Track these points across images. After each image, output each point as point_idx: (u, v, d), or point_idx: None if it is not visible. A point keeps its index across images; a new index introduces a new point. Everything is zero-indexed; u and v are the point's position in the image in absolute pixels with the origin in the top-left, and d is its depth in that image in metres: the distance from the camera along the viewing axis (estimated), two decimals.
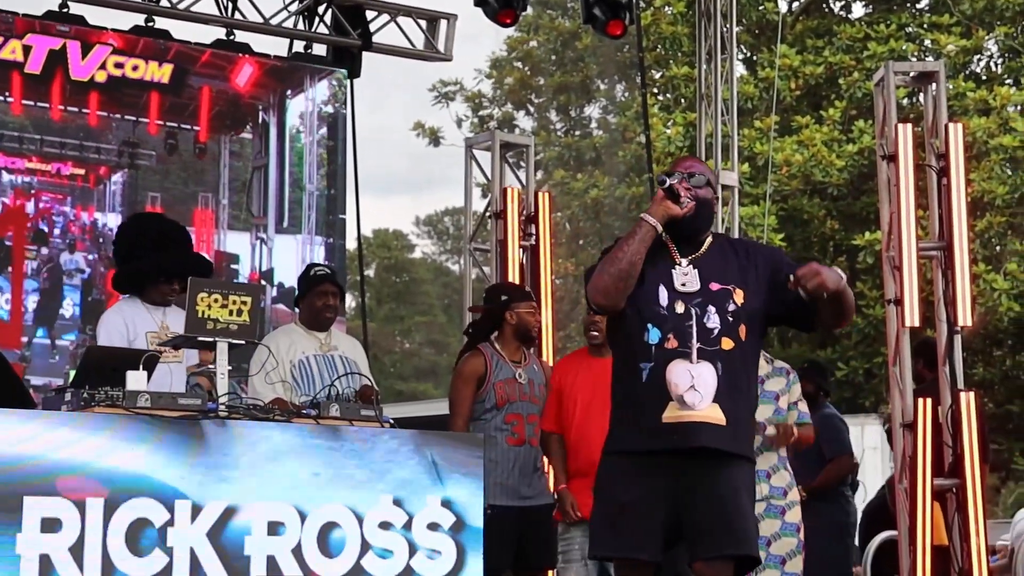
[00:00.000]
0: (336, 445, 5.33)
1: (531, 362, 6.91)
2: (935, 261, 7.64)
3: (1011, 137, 17.14)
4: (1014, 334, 18.22)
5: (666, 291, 4.87)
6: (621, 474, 4.87)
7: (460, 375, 6.80)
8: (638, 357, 4.85)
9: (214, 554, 5.03)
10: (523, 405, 6.71)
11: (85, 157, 9.33)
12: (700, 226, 5.00)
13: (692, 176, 4.96)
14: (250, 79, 10.00)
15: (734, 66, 11.60)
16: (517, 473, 6.67)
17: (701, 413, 4.75)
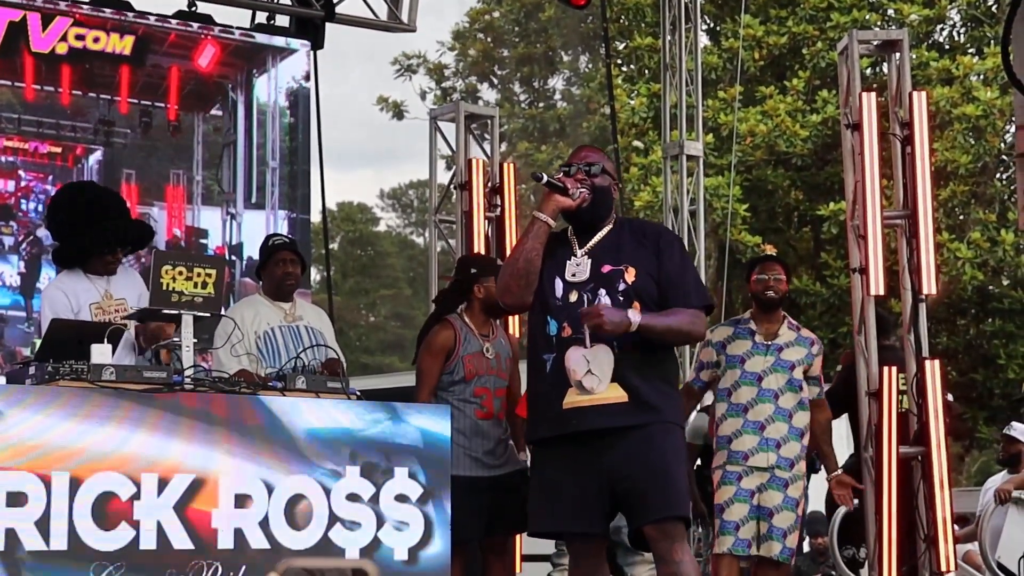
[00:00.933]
0: (303, 417, 5.31)
1: (498, 335, 6.89)
2: (899, 230, 7.66)
3: (974, 106, 17.20)
4: (977, 303, 18.33)
5: (561, 282, 5.10)
6: (544, 459, 5.14)
7: (429, 347, 6.76)
8: (541, 349, 5.09)
9: (181, 527, 5.02)
10: (491, 379, 6.70)
11: (62, 136, 9.33)
12: (599, 214, 5.19)
13: (590, 166, 5.16)
14: (212, 59, 9.94)
15: (698, 36, 11.60)
16: (485, 445, 6.68)
17: (600, 395, 4.95)
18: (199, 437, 5.09)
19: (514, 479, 6.74)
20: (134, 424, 4.98)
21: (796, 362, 6.82)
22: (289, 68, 10.33)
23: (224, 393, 5.22)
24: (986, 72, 17.72)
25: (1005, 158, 18.00)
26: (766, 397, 6.76)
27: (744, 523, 6.70)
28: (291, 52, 10.32)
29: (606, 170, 5.22)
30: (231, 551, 5.09)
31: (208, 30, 9.93)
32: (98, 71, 9.44)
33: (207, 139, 9.96)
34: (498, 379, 6.72)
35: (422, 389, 6.67)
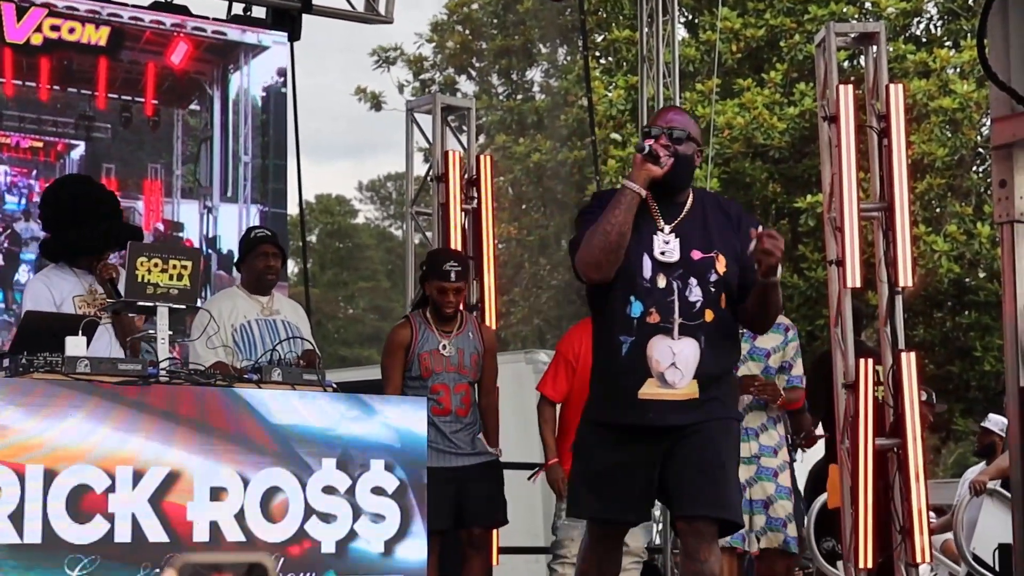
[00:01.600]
0: (278, 409, 5.30)
1: (466, 329, 6.88)
2: (876, 222, 7.67)
3: (951, 99, 17.23)
4: (954, 296, 18.37)
5: (650, 261, 4.81)
6: (599, 441, 4.89)
7: (386, 346, 6.91)
8: (618, 329, 4.81)
9: (156, 520, 5.00)
10: (449, 376, 6.72)
11: (44, 130, 9.31)
12: (680, 184, 4.91)
13: (672, 132, 4.85)
14: (185, 56, 9.92)
15: (675, 29, 11.59)
16: (446, 438, 6.69)
17: (680, 391, 4.77)
18: (174, 430, 5.07)
19: (482, 470, 6.76)
20: (109, 417, 4.96)
21: (771, 349, 6.88)
22: (265, 64, 10.30)
23: (199, 386, 5.21)
24: (963, 65, 17.75)
25: (982, 151, 18.03)
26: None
27: None
28: (263, 49, 10.28)
29: (692, 137, 4.93)
30: (206, 544, 5.07)
31: (181, 27, 9.89)
32: (77, 66, 9.41)
33: (186, 134, 9.95)
34: (458, 375, 6.73)
35: (386, 387, 6.74)
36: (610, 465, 4.84)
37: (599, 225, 4.76)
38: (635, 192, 4.77)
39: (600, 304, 4.90)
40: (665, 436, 4.79)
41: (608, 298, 4.83)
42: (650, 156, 4.79)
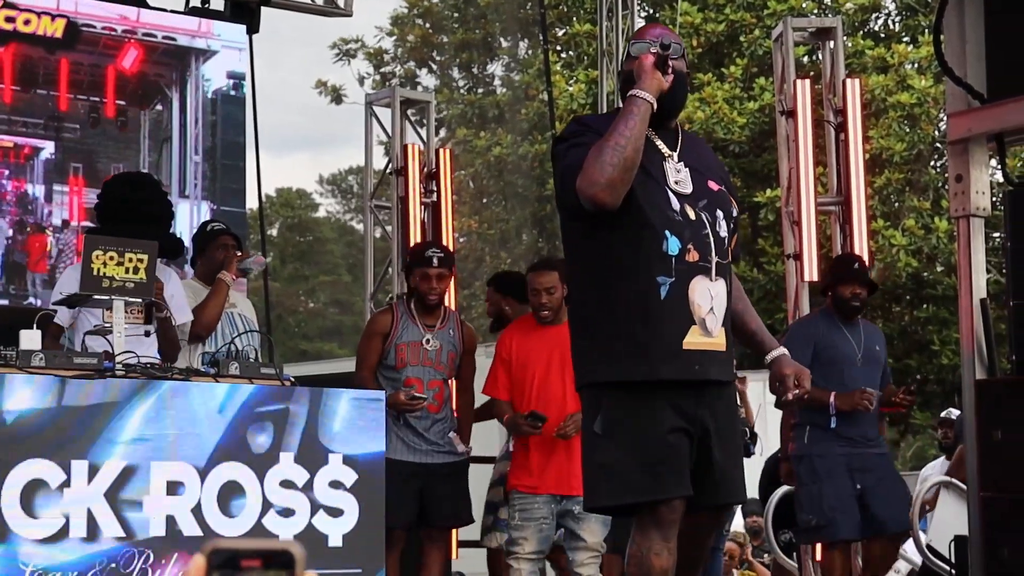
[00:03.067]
0: (236, 403, 5.28)
1: (448, 326, 6.85)
2: (833, 216, 7.71)
3: (908, 94, 17.34)
4: (912, 289, 18.49)
5: (670, 192, 4.18)
6: (639, 408, 4.13)
7: (365, 331, 6.91)
8: (655, 270, 4.09)
9: (112, 515, 4.98)
10: (424, 370, 6.69)
11: (14, 131, 9.28)
12: (678, 105, 4.35)
13: (668, 46, 4.19)
14: (135, 60, 9.89)
15: (635, 23, 11.61)
16: (415, 432, 6.68)
17: (716, 340, 4.18)
18: (130, 424, 5.04)
19: (449, 468, 6.75)
20: (63, 411, 4.93)
21: None
22: (215, 68, 10.27)
23: (155, 379, 5.18)
24: (920, 60, 17.87)
25: (939, 146, 18.15)
26: None
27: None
28: (213, 53, 10.24)
29: (683, 55, 4.34)
30: (163, 538, 5.06)
31: (132, 33, 9.85)
32: (42, 68, 9.39)
33: (151, 135, 9.94)
34: (434, 371, 6.71)
35: (360, 371, 6.74)
36: (658, 434, 4.10)
37: (608, 139, 4.03)
38: (648, 102, 4.10)
39: (614, 242, 4.16)
40: (705, 393, 4.16)
41: (630, 234, 4.13)
42: (662, 63, 4.16)
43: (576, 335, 4.31)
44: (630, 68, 4.24)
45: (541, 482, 6.64)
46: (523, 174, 22.44)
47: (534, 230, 22.92)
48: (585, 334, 4.25)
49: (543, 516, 6.66)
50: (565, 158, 4.17)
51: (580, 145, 4.15)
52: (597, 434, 4.15)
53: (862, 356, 7.12)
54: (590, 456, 4.20)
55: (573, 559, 6.75)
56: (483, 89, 25.18)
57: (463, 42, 24.56)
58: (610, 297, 4.16)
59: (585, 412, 4.28)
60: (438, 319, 6.79)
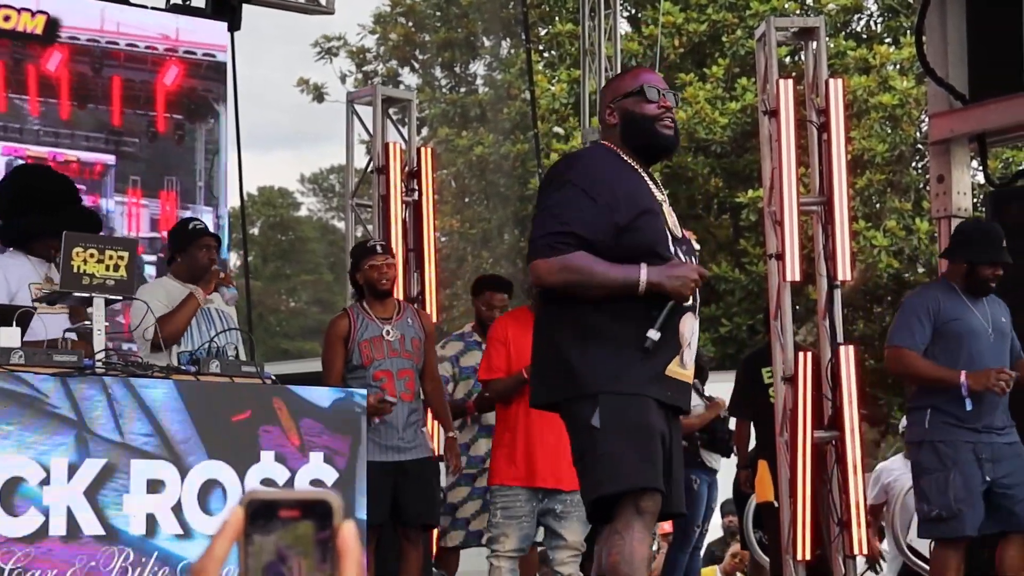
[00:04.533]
0: (216, 401, 5.27)
1: (405, 315, 6.91)
2: (815, 217, 7.71)
3: (890, 95, 17.38)
4: (893, 290, 18.52)
5: (669, 235, 4.43)
6: (634, 405, 4.32)
7: (326, 339, 6.96)
8: (653, 302, 4.31)
9: (92, 512, 4.96)
10: (392, 362, 6.72)
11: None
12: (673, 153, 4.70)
13: (676, 97, 4.61)
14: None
15: (618, 23, 11.61)
16: (389, 428, 6.69)
17: (687, 373, 4.47)
18: (110, 421, 5.03)
19: (420, 467, 6.76)
20: (43, 408, 4.91)
21: None
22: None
23: (136, 377, 5.17)
24: (902, 62, 17.91)
25: (921, 147, 18.19)
26: None
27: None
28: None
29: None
30: (143, 537, 5.04)
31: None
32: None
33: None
34: (401, 360, 6.75)
35: (328, 379, 6.75)
36: (651, 431, 4.33)
37: (592, 275, 4.27)
38: (641, 286, 4.30)
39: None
40: (672, 418, 4.44)
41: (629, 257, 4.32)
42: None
43: (564, 347, 4.36)
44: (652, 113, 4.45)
45: (526, 475, 6.64)
46: (505, 173, 22.43)
47: (516, 229, 22.90)
48: (580, 347, 4.33)
49: (525, 514, 6.67)
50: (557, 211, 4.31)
51: (573, 203, 4.30)
52: (596, 428, 4.25)
53: (992, 330, 6.44)
54: (591, 450, 4.29)
55: (553, 557, 6.75)
56: (465, 88, 25.16)
57: (445, 41, 24.54)
58: (617, 315, 4.31)
59: (576, 417, 4.34)
60: (393, 311, 6.87)
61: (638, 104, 4.45)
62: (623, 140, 4.46)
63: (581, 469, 4.36)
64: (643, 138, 4.46)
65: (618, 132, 4.47)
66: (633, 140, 4.45)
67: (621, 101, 4.46)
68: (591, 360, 4.31)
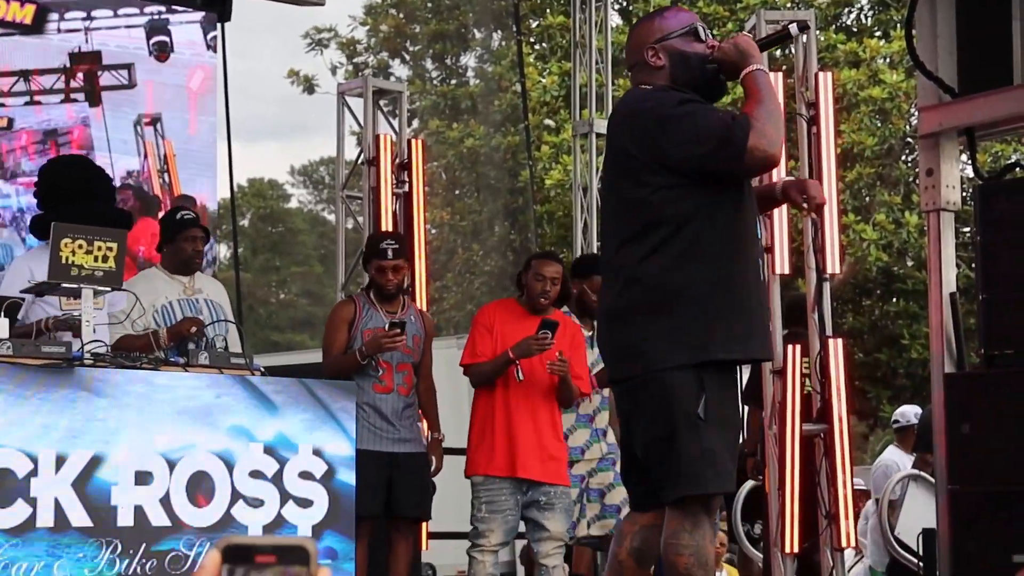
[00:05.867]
0: (206, 393, 5.26)
1: (408, 312, 6.92)
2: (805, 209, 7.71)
3: (880, 89, 17.37)
4: (882, 284, 18.54)
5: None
6: (731, 393, 4.19)
7: (329, 321, 6.95)
8: (754, 251, 4.21)
9: (79, 504, 4.96)
10: (393, 355, 6.72)
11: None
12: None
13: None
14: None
15: (609, 15, 11.61)
16: (384, 419, 6.69)
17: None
18: (98, 413, 5.02)
19: (414, 461, 6.76)
20: (31, 399, 4.91)
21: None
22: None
23: (124, 368, 5.16)
24: (892, 55, 17.91)
25: (910, 140, 18.19)
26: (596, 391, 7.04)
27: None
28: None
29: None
30: (130, 528, 5.04)
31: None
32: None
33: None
34: (402, 355, 6.74)
35: (327, 355, 6.77)
36: (738, 423, 4.24)
37: (771, 105, 4.08)
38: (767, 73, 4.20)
39: (726, 220, 4.15)
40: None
41: (737, 215, 4.18)
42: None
43: (665, 314, 4.10)
44: (703, 52, 4.21)
45: (509, 466, 6.65)
46: (496, 166, 22.42)
47: (506, 222, 22.90)
48: (687, 310, 4.08)
49: (510, 507, 6.67)
50: (703, 116, 4.10)
51: (707, 107, 4.15)
52: (701, 418, 4.05)
53: None
54: (692, 440, 4.06)
55: (538, 550, 6.76)
56: (456, 80, 25.15)
57: (436, 33, 24.52)
58: (723, 275, 4.11)
59: (675, 398, 4.08)
60: (399, 306, 6.89)
61: (688, 43, 4.26)
62: (673, 81, 4.22)
63: (671, 451, 4.08)
64: (699, 77, 4.23)
65: (667, 73, 4.24)
66: (687, 79, 4.22)
67: (668, 41, 4.25)
68: (714, 319, 4.08)
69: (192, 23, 10.20)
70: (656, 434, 4.11)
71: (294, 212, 41.77)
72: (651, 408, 4.12)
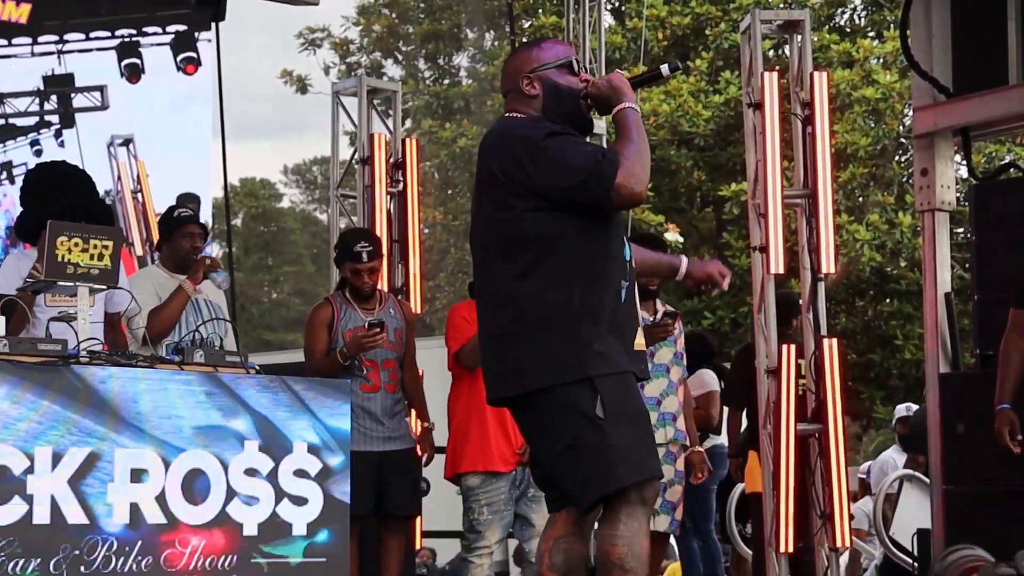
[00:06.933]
0: (201, 391, 5.26)
1: (386, 306, 6.91)
2: (799, 209, 7.72)
3: (874, 89, 17.40)
4: (876, 284, 18.57)
5: None
6: (630, 392, 4.24)
7: (308, 325, 6.94)
8: (618, 274, 4.28)
9: (76, 501, 4.95)
10: (377, 352, 6.71)
11: None
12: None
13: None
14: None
15: (602, 16, 11.62)
16: (374, 418, 6.68)
17: (640, 342, 4.40)
18: (94, 411, 5.02)
19: (404, 457, 6.76)
20: (27, 397, 4.90)
21: (676, 336, 6.98)
22: None
23: (120, 366, 5.16)
24: (886, 55, 17.94)
25: (904, 141, 18.23)
26: (659, 372, 6.86)
27: None
28: None
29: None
30: (126, 526, 5.03)
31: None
32: None
33: None
34: (386, 351, 6.74)
35: (309, 358, 6.77)
36: (646, 417, 4.31)
37: (641, 145, 4.20)
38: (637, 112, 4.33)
39: (588, 245, 4.23)
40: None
41: (600, 235, 4.26)
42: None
43: (542, 333, 4.17)
44: (577, 85, 4.32)
45: (505, 459, 6.66)
46: None
47: None
48: (561, 329, 4.17)
49: (506, 503, 6.68)
50: (573, 149, 4.17)
51: (577, 140, 4.25)
52: (601, 418, 4.12)
53: None
54: (599, 441, 4.12)
55: (529, 549, 6.75)
56: (449, 80, 25.15)
57: (429, 33, 24.52)
58: (589, 296, 4.18)
59: (569, 409, 4.15)
60: (376, 303, 6.89)
61: (562, 75, 4.35)
62: (544, 112, 4.31)
63: (576, 458, 4.16)
64: (571, 109, 4.33)
65: (540, 103, 4.33)
66: (558, 111, 4.31)
67: (543, 71, 4.34)
68: (586, 340, 4.15)
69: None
70: (557, 448, 4.19)
71: (286, 212, 41.75)
72: (546, 422, 4.20)
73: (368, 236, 7.02)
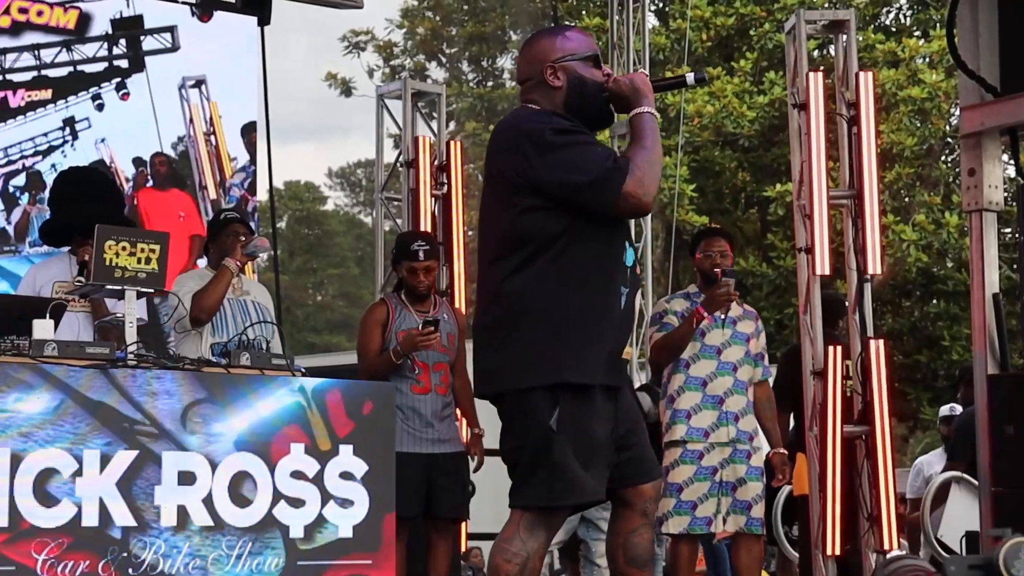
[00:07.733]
0: (247, 393, 5.28)
1: (440, 310, 6.92)
2: (845, 210, 7.69)
3: (919, 89, 17.30)
4: (922, 285, 18.46)
5: None
6: (589, 406, 4.18)
7: (363, 324, 6.95)
8: (618, 279, 4.22)
9: (124, 504, 4.98)
10: (428, 354, 6.72)
11: None
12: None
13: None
14: None
15: (646, 17, 11.62)
16: (423, 420, 6.69)
17: (628, 349, 4.55)
18: (141, 414, 5.05)
19: (453, 461, 6.77)
20: (75, 400, 4.93)
21: (750, 335, 6.93)
22: None
23: (167, 369, 5.18)
24: (932, 55, 17.83)
25: (950, 140, 18.12)
26: (725, 370, 6.83)
27: (703, 501, 6.74)
28: None
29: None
30: (174, 528, 5.06)
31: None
32: None
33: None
34: (438, 354, 6.75)
35: (363, 358, 6.77)
36: (600, 437, 4.20)
37: (653, 153, 4.14)
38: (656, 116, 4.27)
39: (589, 248, 4.18)
40: (616, 398, 4.31)
41: (604, 242, 4.21)
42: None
43: (523, 332, 4.16)
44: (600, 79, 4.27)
45: None
46: None
47: None
48: (544, 330, 4.15)
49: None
50: (584, 150, 4.12)
51: (590, 141, 4.18)
52: (553, 430, 4.12)
53: None
54: (545, 453, 4.14)
55: (595, 550, 6.75)
56: (492, 82, 25.17)
57: (473, 35, 24.55)
58: (583, 299, 4.15)
59: (530, 412, 4.16)
60: (431, 306, 6.89)
61: (588, 68, 4.28)
62: (566, 104, 4.25)
63: (519, 459, 4.21)
64: (592, 104, 4.27)
65: (563, 94, 4.25)
66: (579, 104, 4.25)
67: (569, 62, 4.26)
68: (568, 344, 4.13)
69: None
70: (512, 445, 4.23)
71: (331, 214, 41.91)
72: (507, 421, 4.24)
73: (425, 236, 7.12)
